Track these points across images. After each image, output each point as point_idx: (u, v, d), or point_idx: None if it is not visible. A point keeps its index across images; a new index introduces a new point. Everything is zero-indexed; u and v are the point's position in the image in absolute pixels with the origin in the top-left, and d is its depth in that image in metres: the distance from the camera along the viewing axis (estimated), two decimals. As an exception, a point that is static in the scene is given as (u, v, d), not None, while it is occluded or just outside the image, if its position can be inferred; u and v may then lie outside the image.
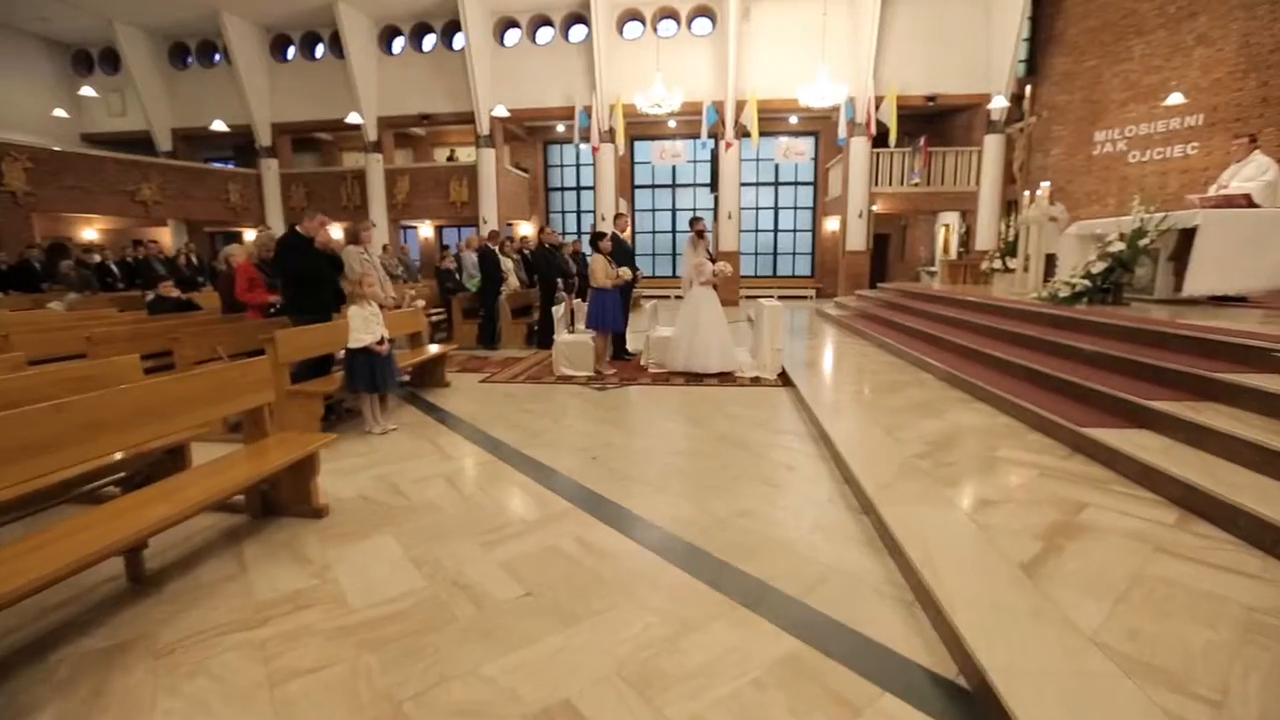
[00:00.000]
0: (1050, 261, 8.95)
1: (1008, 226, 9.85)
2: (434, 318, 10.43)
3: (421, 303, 7.05)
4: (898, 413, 5.15)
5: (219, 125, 16.38)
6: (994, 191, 15.44)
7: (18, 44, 17.60)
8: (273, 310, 6.14)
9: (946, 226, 17.42)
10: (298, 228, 5.64)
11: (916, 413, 5.14)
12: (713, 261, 7.62)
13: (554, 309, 7.66)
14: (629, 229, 16.55)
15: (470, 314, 10.12)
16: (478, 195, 17.07)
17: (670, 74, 14.98)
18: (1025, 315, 6.88)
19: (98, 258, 11.87)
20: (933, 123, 17.14)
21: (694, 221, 7.79)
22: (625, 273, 7.45)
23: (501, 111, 15.42)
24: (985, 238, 15.51)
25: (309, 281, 5.57)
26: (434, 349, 7.11)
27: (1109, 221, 7.18)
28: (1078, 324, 5.91)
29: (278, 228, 18.21)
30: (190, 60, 18.45)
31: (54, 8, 16.39)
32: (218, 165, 18.99)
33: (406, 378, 7.19)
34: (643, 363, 7.92)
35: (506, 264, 10.41)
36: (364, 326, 5.17)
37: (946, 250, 17.30)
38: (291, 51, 17.92)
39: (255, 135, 17.72)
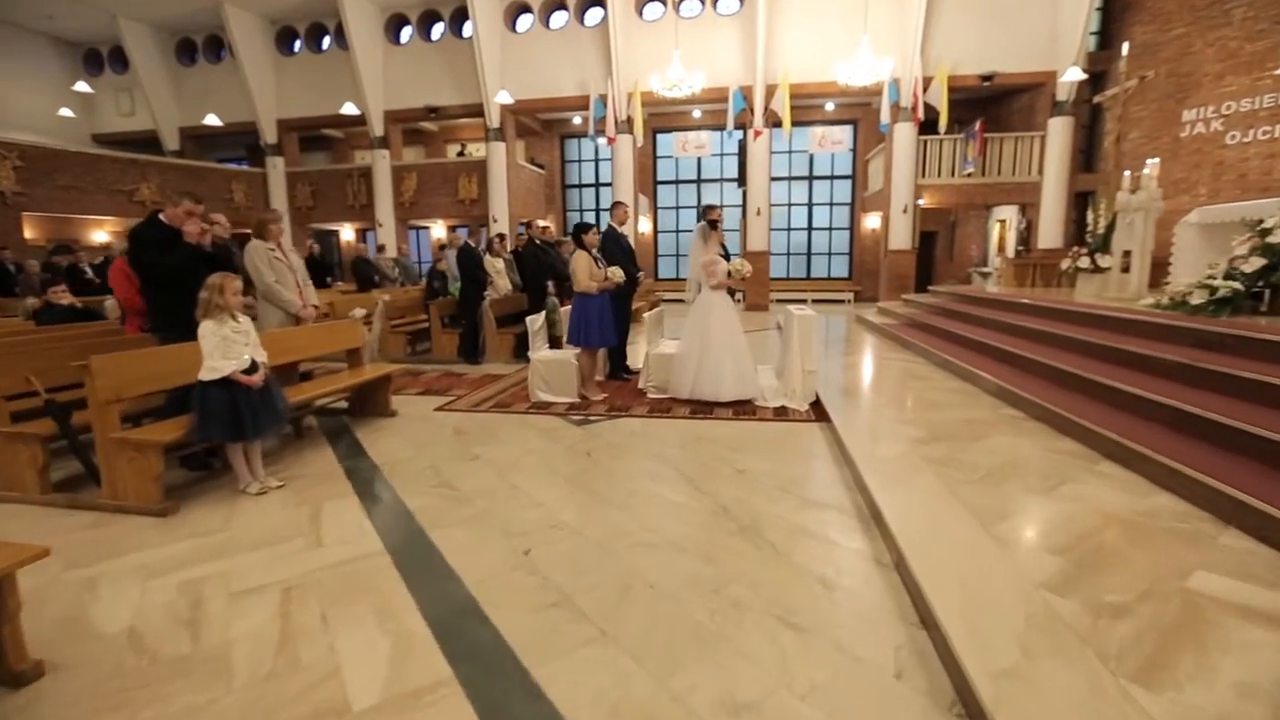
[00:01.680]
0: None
1: (1096, 217, 7.90)
2: (415, 327, 8.96)
3: (361, 312, 5.53)
4: (990, 480, 3.38)
5: (213, 120, 15.25)
6: (1060, 181, 13.32)
7: (27, 44, 16.78)
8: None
9: (1002, 222, 15.32)
10: (161, 215, 4.16)
11: (1018, 480, 3.37)
12: (727, 258, 5.92)
13: (529, 318, 6.06)
14: (630, 221, 14.94)
15: (453, 322, 8.60)
16: (488, 192, 15.62)
17: (694, 57, 13.25)
18: (1148, 329, 5.01)
19: (67, 260, 10.72)
20: (988, 106, 15.06)
21: (707, 210, 6.12)
22: (615, 274, 5.80)
23: (505, 98, 13.88)
24: (1049, 234, 13.41)
25: (175, 287, 4.05)
26: (376, 369, 5.56)
27: (1265, 204, 5.26)
28: (1247, 345, 4.05)
29: (285, 228, 17.08)
30: (197, 57, 17.42)
31: (58, 5, 15.49)
32: (228, 165, 17.91)
33: (344, 402, 5.68)
34: (641, 385, 6.26)
35: (497, 265, 8.86)
36: (221, 350, 3.62)
37: (1002, 249, 15.19)
38: (298, 45, 16.74)
39: (260, 132, 16.57)
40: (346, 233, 18.75)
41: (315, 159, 19.16)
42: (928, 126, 13.82)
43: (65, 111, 16.56)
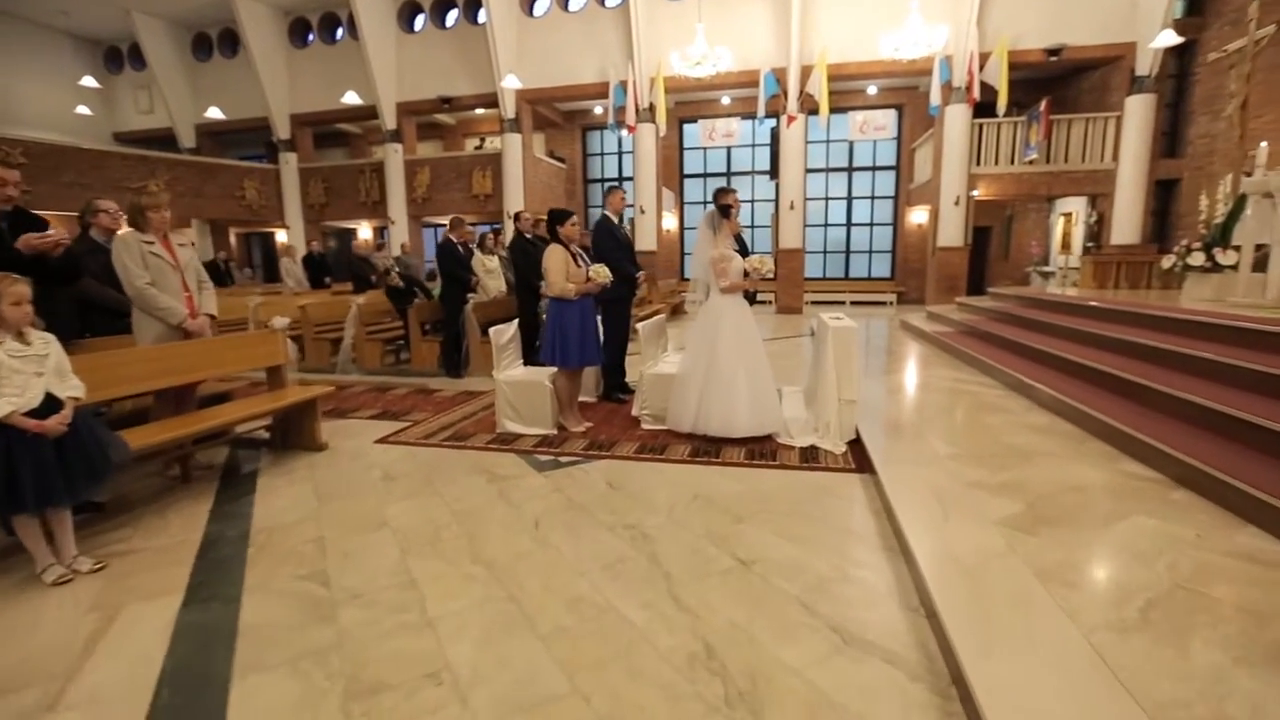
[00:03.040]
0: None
1: (1212, 203, 6.29)
2: (397, 333, 7.83)
3: (284, 321, 4.39)
4: (1161, 624, 1.98)
5: (215, 113, 14.48)
6: (1138, 168, 11.49)
7: (46, 41, 16.32)
8: None
9: (1067, 216, 13.50)
10: (-38, 195, 3.06)
11: (1214, 624, 1.97)
12: (744, 254, 4.60)
13: (493, 329, 4.80)
14: (648, 212, 13.48)
15: (436, 329, 7.44)
16: (503, 186, 14.50)
17: (722, 36, 11.86)
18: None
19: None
20: (1051, 85, 13.25)
21: (720, 193, 4.79)
22: (599, 273, 4.51)
23: (513, 82, 12.67)
24: (1125, 228, 11.61)
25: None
26: (301, 393, 4.39)
27: None
28: None
29: (296, 226, 16.35)
30: (213, 52, 16.75)
31: (72, 1, 14.93)
32: (240, 161, 17.19)
33: (264, 431, 4.54)
34: (635, 412, 4.96)
35: (488, 264, 7.70)
36: (-14, 382, 2.48)
37: (1066, 245, 13.39)
38: (311, 37, 15.89)
39: (272, 127, 15.80)
40: (364, 231, 17.89)
41: (334, 156, 18.39)
42: (983, 110, 12.17)
43: (82, 109, 16.03)
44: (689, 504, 3.36)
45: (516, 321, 5.09)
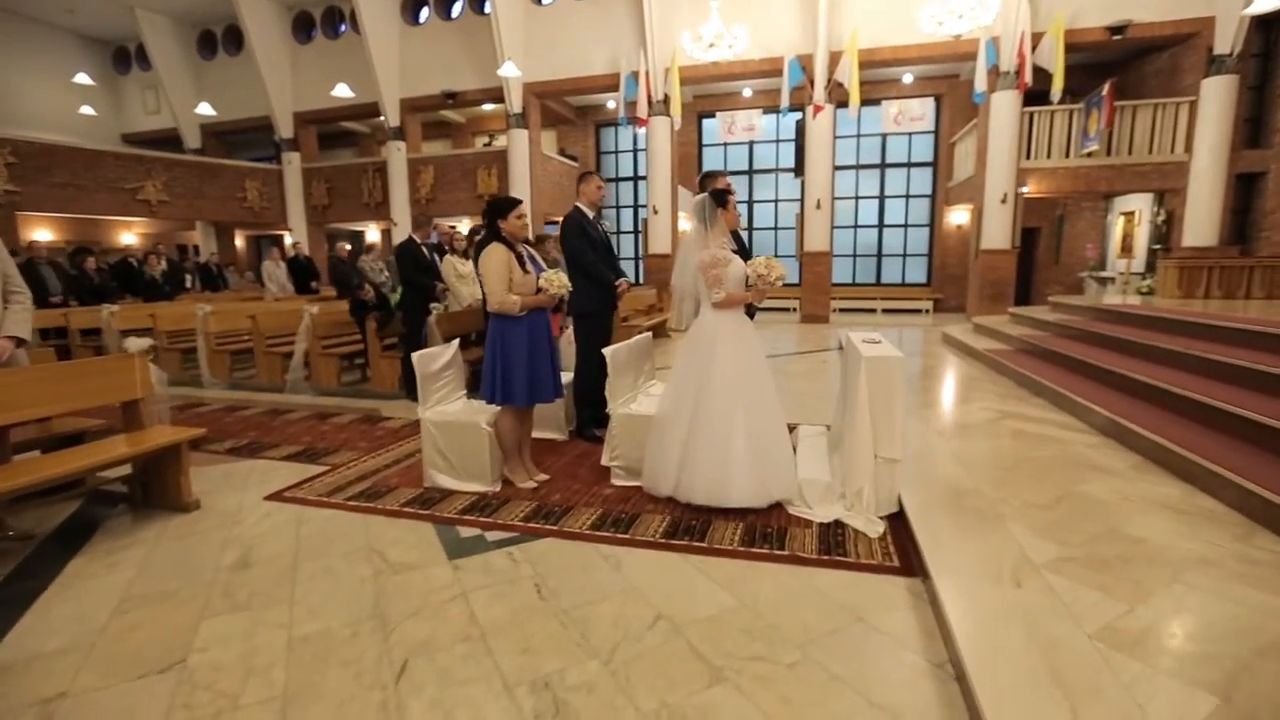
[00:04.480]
0: None
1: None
2: (352, 347, 6.78)
3: (144, 343, 3.34)
4: None
5: (205, 109, 13.70)
6: (1216, 160, 9.92)
7: (53, 42, 15.78)
8: None
9: (1128, 215, 11.91)
10: None
11: None
12: (745, 256, 3.39)
13: (417, 355, 3.68)
14: (662, 210, 12.16)
15: (403, 342, 6.36)
16: (508, 185, 13.46)
17: (742, 20, 10.64)
18: None
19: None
20: (1112, 69, 11.67)
21: (709, 176, 3.61)
22: (553, 281, 3.34)
23: (511, 70, 11.55)
24: (1200, 228, 10.03)
25: None
26: (164, 435, 3.31)
27: None
28: None
29: (299, 228, 15.55)
30: (217, 50, 16.08)
31: (77, -2, 14.38)
32: (257, 163, 16.46)
33: (122, 484, 3.47)
34: (605, 461, 3.78)
35: (460, 268, 6.59)
36: None
37: (1127, 249, 11.81)
38: (315, 34, 15.10)
39: (275, 126, 15.03)
40: (372, 233, 17.07)
41: (342, 156, 17.59)
42: (1033, 98, 10.73)
43: (86, 109, 15.47)
44: (645, 635, 2.17)
45: (457, 342, 3.96)
